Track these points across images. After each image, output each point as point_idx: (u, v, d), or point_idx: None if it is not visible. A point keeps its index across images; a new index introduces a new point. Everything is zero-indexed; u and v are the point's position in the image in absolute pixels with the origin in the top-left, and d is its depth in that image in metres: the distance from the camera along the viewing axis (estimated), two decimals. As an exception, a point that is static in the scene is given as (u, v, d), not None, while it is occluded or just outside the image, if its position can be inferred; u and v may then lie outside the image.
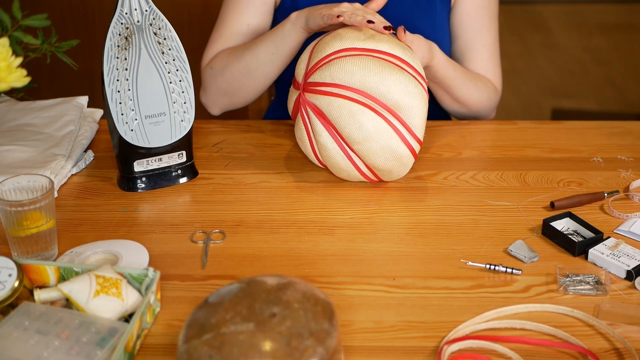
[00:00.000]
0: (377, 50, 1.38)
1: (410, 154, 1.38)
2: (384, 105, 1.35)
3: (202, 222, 1.37)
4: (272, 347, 0.96)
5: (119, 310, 1.10)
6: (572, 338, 1.10)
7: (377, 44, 1.38)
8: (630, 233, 1.32)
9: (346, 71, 1.35)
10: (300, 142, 1.45)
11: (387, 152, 1.37)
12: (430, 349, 1.09)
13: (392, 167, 1.39)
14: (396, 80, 1.35)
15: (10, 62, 1.17)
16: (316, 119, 1.39)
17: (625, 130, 1.66)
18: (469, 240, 1.31)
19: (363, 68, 1.35)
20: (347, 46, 1.38)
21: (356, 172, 1.41)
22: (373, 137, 1.35)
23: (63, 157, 1.48)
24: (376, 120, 1.35)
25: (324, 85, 1.37)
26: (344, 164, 1.40)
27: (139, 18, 1.36)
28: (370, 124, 1.35)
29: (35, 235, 1.23)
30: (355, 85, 1.35)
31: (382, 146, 1.36)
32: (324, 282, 1.21)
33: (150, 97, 1.40)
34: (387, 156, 1.37)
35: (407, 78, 1.36)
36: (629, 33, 4.65)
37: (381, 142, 1.36)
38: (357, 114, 1.35)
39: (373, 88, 1.35)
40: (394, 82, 1.35)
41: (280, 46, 1.56)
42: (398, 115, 1.36)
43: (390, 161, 1.38)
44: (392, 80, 1.35)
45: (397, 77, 1.35)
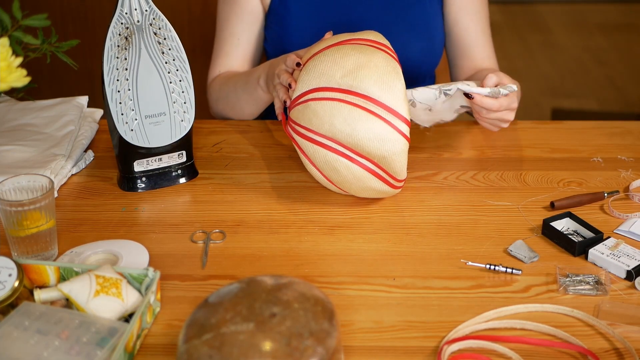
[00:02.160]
0: (351, 92, 1.29)
1: (393, 190, 1.36)
2: (357, 153, 1.30)
3: (202, 222, 1.37)
4: (272, 347, 0.96)
5: (119, 310, 1.10)
6: (572, 338, 1.10)
7: (353, 82, 1.29)
8: (630, 233, 1.32)
9: (319, 118, 1.30)
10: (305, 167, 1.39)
11: (371, 190, 1.34)
12: (430, 349, 1.09)
13: (379, 196, 1.37)
14: (370, 129, 1.28)
15: (10, 62, 1.17)
16: (299, 137, 1.35)
17: (625, 130, 1.66)
18: (469, 240, 1.31)
19: (335, 116, 1.29)
20: (322, 85, 1.31)
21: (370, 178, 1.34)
22: (351, 180, 1.33)
23: (63, 157, 1.48)
24: (357, 170, 1.31)
25: (301, 127, 1.33)
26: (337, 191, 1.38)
27: (139, 18, 1.36)
28: (345, 170, 1.31)
29: (35, 235, 1.23)
30: (328, 133, 1.29)
31: (362, 187, 1.34)
32: (324, 282, 1.21)
33: (150, 97, 1.40)
34: (372, 192, 1.35)
35: (381, 127, 1.29)
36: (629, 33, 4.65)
37: (362, 184, 1.33)
38: (335, 163, 1.31)
39: (348, 135, 1.29)
40: (367, 130, 1.28)
41: (254, 97, 1.61)
42: (377, 163, 1.31)
43: (376, 195, 1.36)
44: (365, 128, 1.28)
45: (371, 126, 1.28)
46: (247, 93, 1.62)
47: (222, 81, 1.70)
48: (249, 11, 1.70)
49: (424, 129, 1.63)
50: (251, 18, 1.70)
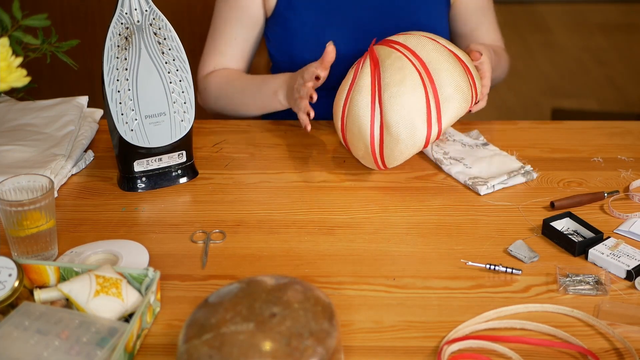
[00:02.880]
0: (453, 52, 1.43)
1: (424, 137, 1.38)
2: (433, 85, 1.38)
3: (202, 222, 1.37)
4: (272, 347, 0.96)
5: (119, 310, 1.10)
6: (572, 338, 1.10)
7: (456, 49, 1.45)
8: (630, 233, 1.32)
9: (423, 46, 1.41)
10: (338, 96, 1.45)
11: (409, 116, 1.37)
12: (430, 349, 1.09)
13: (402, 135, 1.37)
14: (457, 76, 1.39)
15: (10, 62, 1.17)
16: (368, 65, 1.41)
17: (625, 130, 1.66)
18: (469, 240, 1.31)
19: (438, 52, 1.41)
20: (433, 37, 1.44)
21: (367, 130, 1.39)
22: (406, 93, 1.37)
23: (63, 157, 1.48)
24: (418, 85, 1.38)
25: (395, 43, 1.42)
26: (364, 117, 1.39)
27: (139, 18, 1.36)
28: (411, 82, 1.38)
29: (35, 235, 1.23)
30: (423, 57, 1.40)
31: (407, 105, 1.37)
32: (324, 282, 1.21)
33: (150, 97, 1.40)
34: (406, 120, 1.37)
35: (465, 83, 1.40)
36: (629, 33, 4.65)
37: (409, 101, 1.37)
38: (406, 69, 1.38)
39: (435, 70, 1.39)
40: (454, 77, 1.39)
41: (265, 106, 1.63)
42: (439, 99, 1.38)
43: (405, 129, 1.37)
44: (453, 75, 1.39)
45: (459, 75, 1.39)
46: (259, 101, 1.63)
47: (223, 80, 1.69)
48: (249, 15, 1.70)
49: None
50: (251, 21, 1.70)
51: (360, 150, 1.43)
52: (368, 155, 1.42)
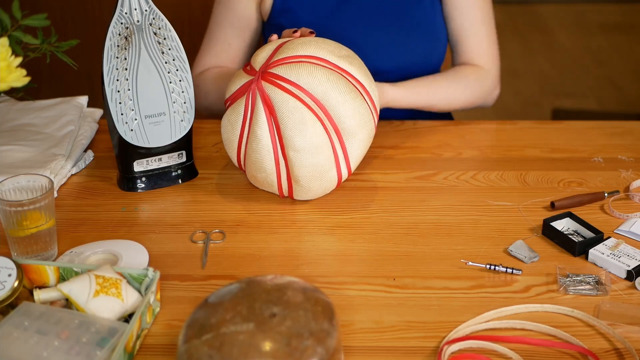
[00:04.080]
0: (347, 71, 1.34)
1: (335, 181, 1.36)
2: (334, 126, 1.32)
3: (202, 222, 1.37)
4: (272, 347, 0.96)
5: (119, 310, 1.10)
6: (572, 338, 1.10)
7: (349, 66, 1.34)
8: (631, 233, 1.32)
9: (314, 78, 1.30)
10: (229, 127, 1.36)
11: (317, 170, 1.33)
12: (430, 349, 1.09)
13: (313, 186, 1.35)
14: (356, 108, 1.32)
15: (10, 62, 1.17)
16: (262, 109, 1.32)
17: (625, 130, 1.66)
18: (469, 240, 1.31)
19: (331, 83, 1.31)
20: (321, 56, 1.33)
21: (274, 179, 1.35)
22: (312, 151, 1.31)
23: (63, 157, 1.48)
24: (322, 137, 1.31)
25: (286, 82, 1.31)
26: (268, 165, 1.34)
27: (138, 18, 1.36)
28: (316, 138, 1.30)
29: (35, 235, 1.23)
30: (318, 95, 1.30)
31: (315, 163, 1.32)
32: (324, 282, 1.21)
33: (150, 97, 1.40)
34: (315, 174, 1.33)
35: (365, 109, 1.33)
36: (629, 33, 4.65)
37: (316, 159, 1.31)
38: (307, 123, 1.30)
39: (333, 106, 1.31)
40: (353, 109, 1.31)
41: None
42: (344, 141, 1.33)
43: (315, 180, 1.34)
44: (352, 106, 1.31)
45: (358, 105, 1.32)
46: None
47: (215, 76, 1.68)
48: (242, 18, 1.69)
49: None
50: (244, 25, 1.70)
51: (263, 186, 1.39)
52: (273, 189, 1.38)
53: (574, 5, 4.99)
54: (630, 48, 4.45)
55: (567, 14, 4.92)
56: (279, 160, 1.33)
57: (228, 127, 1.37)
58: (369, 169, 1.51)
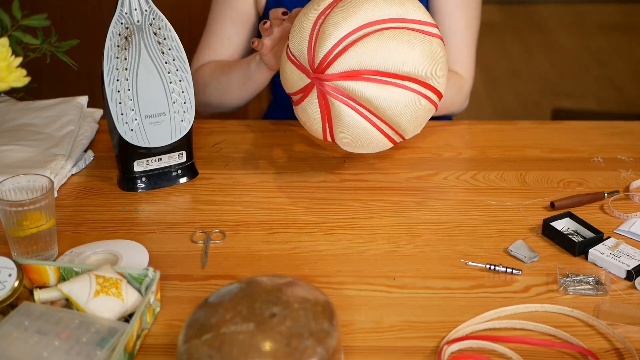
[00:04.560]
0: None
1: (441, 42, 1.34)
2: (392, 20, 1.30)
3: (202, 222, 1.37)
4: (272, 347, 0.96)
5: (119, 310, 1.10)
6: (572, 338, 1.10)
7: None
8: (630, 233, 1.32)
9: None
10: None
11: (427, 53, 1.30)
12: (430, 349, 1.09)
13: (439, 67, 1.33)
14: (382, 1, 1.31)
15: (10, 62, 1.17)
16: (351, 82, 1.30)
17: (625, 130, 1.66)
18: (469, 240, 1.31)
19: (352, 8, 1.30)
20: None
21: (418, 98, 1.33)
22: (408, 48, 1.29)
23: (63, 157, 1.48)
24: (398, 33, 1.29)
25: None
26: (405, 97, 1.31)
27: (138, 18, 1.36)
28: (396, 41, 1.29)
29: (35, 235, 1.23)
30: (358, 23, 1.29)
31: (420, 50, 1.30)
32: (324, 282, 1.21)
33: (150, 97, 1.40)
34: (431, 57, 1.31)
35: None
36: (629, 33, 4.65)
37: (417, 47, 1.30)
38: (380, 42, 1.28)
39: (372, 15, 1.30)
40: (382, 2, 1.30)
41: (248, 81, 1.60)
42: (408, 19, 1.31)
43: (436, 61, 1.32)
44: (379, 2, 1.30)
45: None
46: (238, 74, 1.61)
47: (213, 67, 1.68)
48: (241, 14, 1.70)
49: None
50: (243, 20, 1.70)
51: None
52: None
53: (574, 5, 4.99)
54: (630, 48, 4.45)
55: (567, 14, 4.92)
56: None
57: (309, 121, 1.38)
58: (369, 169, 1.51)
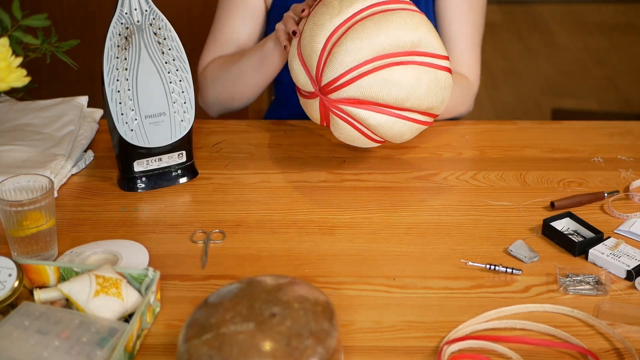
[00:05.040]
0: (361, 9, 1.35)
1: (448, 75, 1.37)
2: (403, 53, 1.33)
3: (202, 222, 1.37)
4: (272, 347, 0.96)
5: (119, 310, 1.10)
6: (572, 338, 1.10)
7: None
8: (630, 233, 1.32)
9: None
10: (348, 138, 1.41)
11: (433, 86, 1.35)
12: (430, 349, 1.09)
13: (443, 96, 1.37)
14: (396, 26, 1.33)
15: (10, 62, 1.17)
16: (355, 109, 1.35)
17: (625, 130, 1.66)
18: (469, 240, 1.31)
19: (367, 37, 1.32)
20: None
21: (415, 125, 1.39)
22: (415, 85, 1.33)
23: (63, 157, 1.48)
24: (407, 70, 1.33)
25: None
26: (403, 126, 1.37)
27: (139, 18, 1.36)
28: (404, 77, 1.33)
29: (35, 235, 1.23)
30: (369, 55, 1.32)
31: (426, 85, 1.34)
32: (324, 282, 1.21)
33: (150, 97, 1.40)
34: (435, 90, 1.35)
35: (402, 17, 1.34)
36: (629, 33, 4.65)
37: (424, 83, 1.34)
38: (389, 78, 1.32)
39: (384, 46, 1.32)
40: (395, 29, 1.32)
41: (264, 64, 1.58)
42: (419, 51, 1.34)
43: (439, 92, 1.36)
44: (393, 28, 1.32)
45: (395, 24, 1.33)
46: (252, 58, 1.59)
47: (223, 61, 1.67)
48: (250, 8, 1.69)
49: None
50: (252, 14, 1.70)
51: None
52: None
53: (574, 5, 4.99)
54: (630, 48, 4.45)
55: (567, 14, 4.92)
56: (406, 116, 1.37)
57: (348, 139, 1.43)
58: (369, 169, 1.51)
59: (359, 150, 1.56)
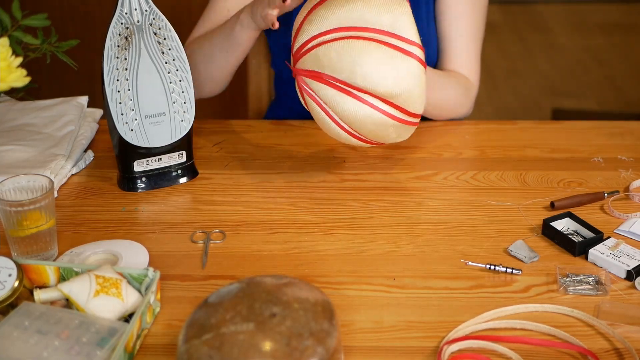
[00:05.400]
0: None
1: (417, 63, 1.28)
2: (367, 30, 1.27)
3: (202, 222, 1.37)
4: (272, 347, 0.96)
5: (119, 310, 1.10)
6: (572, 338, 1.10)
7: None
8: (630, 233, 1.32)
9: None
10: (324, 126, 1.35)
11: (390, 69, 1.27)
12: (430, 349, 1.09)
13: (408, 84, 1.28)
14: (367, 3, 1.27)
15: (10, 62, 1.17)
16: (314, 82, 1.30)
17: (625, 130, 1.66)
18: (469, 240, 1.31)
19: (334, 8, 1.28)
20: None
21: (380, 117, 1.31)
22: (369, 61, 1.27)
23: (63, 157, 1.48)
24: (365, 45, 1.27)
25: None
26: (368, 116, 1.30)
27: (139, 18, 1.36)
28: (358, 52, 1.26)
29: (35, 235, 1.23)
30: (332, 26, 1.28)
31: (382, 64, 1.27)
32: (324, 282, 1.21)
33: (150, 97, 1.40)
34: (393, 73, 1.28)
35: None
36: (629, 33, 4.65)
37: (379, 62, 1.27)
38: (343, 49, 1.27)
39: (349, 19, 1.27)
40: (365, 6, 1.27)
41: (232, 44, 1.54)
42: (385, 31, 1.27)
43: (401, 79, 1.28)
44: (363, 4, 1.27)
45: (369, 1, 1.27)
46: (222, 36, 1.55)
47: (199, 38, 1.64)
48: None
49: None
50: None
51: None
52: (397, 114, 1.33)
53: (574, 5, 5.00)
54: (630, 48, 4.45)
55: (567, 14, 4.92)
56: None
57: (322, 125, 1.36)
58: (369, 169, 1.51)
59: (359, 150, 1.56)
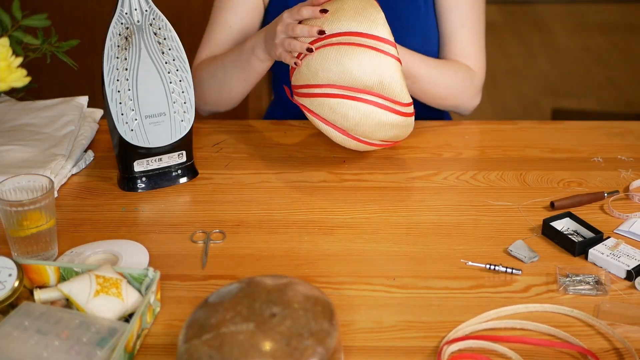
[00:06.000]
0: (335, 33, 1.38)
1: (404, 119, 1.40)
2: (357, 90, 1.37)
3: (202, 222, 1.37)
4: (272, 347, 0.96)
5: (119, 310, 1.10)
6: (572, 338, 1.10)
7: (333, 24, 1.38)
8: (630, 233, 1.32)
9: (310, 70, 1.39)
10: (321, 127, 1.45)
11: (384, 125, 1.39)
12: (430, 349, 1.10)
13: (396, 133, 1.42)
14: (359, 63, 1.36)
15: (10, 62, 1.17)
16: (309, 115, 1.42)
17: (625, 130, 1.66)
18: (469, 240, 1.31)
19: (325, 60, 1.37)
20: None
21: (370, 147, 1.46)
22: (362, 121, 1.38)
23: (63, 157, 1.48)
24: (356, 106, 1.37)
25: (300, 88, 1.41)
26: (357, 146, 1.45)
27: (139, 18, 1.36)
28: (352, 112, 1.38)
29: (35, 235, 1.23)
30: (323, 80, 1.38)
31: (376, 123, 1.39)
32: (324, 282, 1.21)
33: (150, 97, 1.40)
34: (386, 128, 1.40)
35: (369, 56, 1.36)
36: (629, 33, 4.65)
37: (372, 121, 1.38)
38: (335, 108, 1.38)
39: (342, 78, 1.37)
40: (358, 66, 1.36)
41: (247, 71, 1.57)
42: (377, 93, 1.37)
43: (391, 130, 1.41)
44: (355, 65, 1.36)
45: (360, 59, 1.36)
46: (238, 67, 1.57)
47: (209, 62, 1.65)
48: (244, 2, 1.67)
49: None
50: (246, 9, 1.67)
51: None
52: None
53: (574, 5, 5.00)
54: (630, 48, 4.46)
55: (567, 14, 4.92)
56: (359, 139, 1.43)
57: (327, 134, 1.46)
58: (369, 169, 1.51)
59: (359, 150, 1.56)
